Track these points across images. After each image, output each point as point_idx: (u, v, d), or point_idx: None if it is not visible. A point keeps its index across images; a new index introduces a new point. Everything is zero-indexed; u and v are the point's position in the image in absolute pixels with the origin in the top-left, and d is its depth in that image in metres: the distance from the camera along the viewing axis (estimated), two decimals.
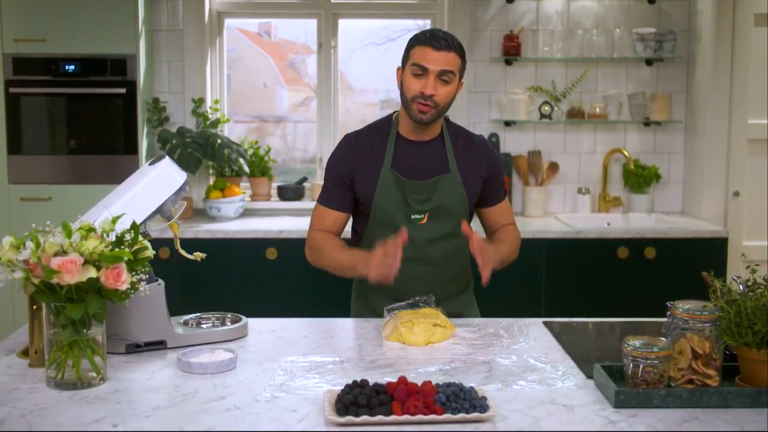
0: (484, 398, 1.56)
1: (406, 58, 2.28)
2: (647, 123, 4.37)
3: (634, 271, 3.84)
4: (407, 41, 2.29)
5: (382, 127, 2.38)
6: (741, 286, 1.71)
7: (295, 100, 4.79)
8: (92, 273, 1.64)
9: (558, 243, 3.84)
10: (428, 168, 2.32)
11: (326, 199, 2.37)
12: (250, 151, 4.37)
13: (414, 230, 2.29)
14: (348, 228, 2.44)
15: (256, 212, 4.33)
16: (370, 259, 2.11)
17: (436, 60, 2.19)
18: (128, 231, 1.74)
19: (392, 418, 1.49)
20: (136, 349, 1.93)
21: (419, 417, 1.49)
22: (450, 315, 2.27)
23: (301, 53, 4.75)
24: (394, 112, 2.41)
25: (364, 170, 2.32)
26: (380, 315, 2.27)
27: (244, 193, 4.25)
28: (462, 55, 2.25)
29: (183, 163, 3.90)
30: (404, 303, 2.20)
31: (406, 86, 2.26)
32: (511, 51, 4.26)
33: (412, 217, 2.30)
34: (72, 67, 3.93)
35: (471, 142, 2.39)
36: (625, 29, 4.31)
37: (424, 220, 2.31)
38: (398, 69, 2.32)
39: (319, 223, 2.37)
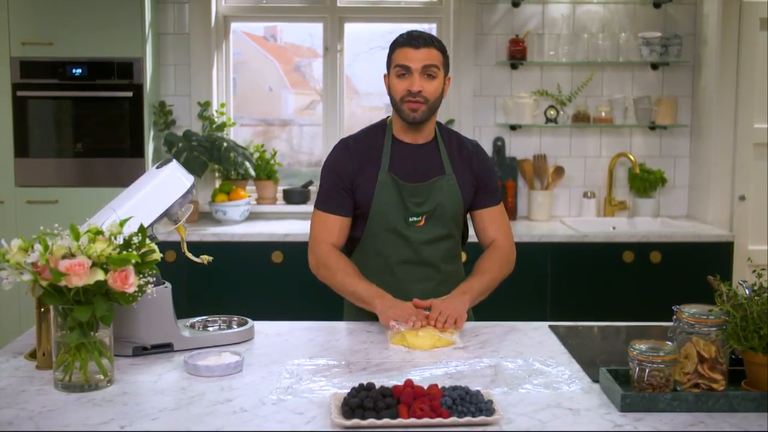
0: (490, 401, 1.56)
1: (389, 64, 2.32)
2: (653, 127, 4.36)
3: (640, 275, 3.84)
4: (388, 48, 2.34)
5: (377, 130, 2.40)
6: (747, 291, 1.71)
7: (300, 104, 4.80)
8: (100, 275, 1.65)
9: (563, 247, 3.84)
10: (424, 170, 2.34)
11: (327, 204, 2.36)
12: (256, 155, 4.38)
13: (412, 232, 2.32)
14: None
15: (261, 215, 4.34)
16: (389, 304, 2.16)
17: (417, 58, 2.24)
18: (136, 234, 1.75)
19: (398, 421, 1.50)
20: (143, 351, 1.94)
21: (425, 420, 1.50)
22: None
23: (306, 57, 4.76)
24: (388, 116, 2.43)
25: (362, 174, 2.33)
26: (376, 318, 2.27)
27: (249, 196, 4.26)
28: (443, 51, 2.30)
29: (189, 166, 3.91)
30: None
31: (393, 89, 2.29)
32: (517, 55, 4.26)
33: (410, 219, 2.32)
34: (79, 71, 3.95)
35: (463, 145, 2.42)
36: (630, 33, 4.31)
37: (422, 222, 2.33)
38: (385, 76, 2.36)
39: (323, 232, 2.35)
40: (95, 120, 4.01)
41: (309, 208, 4.33)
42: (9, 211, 3.98)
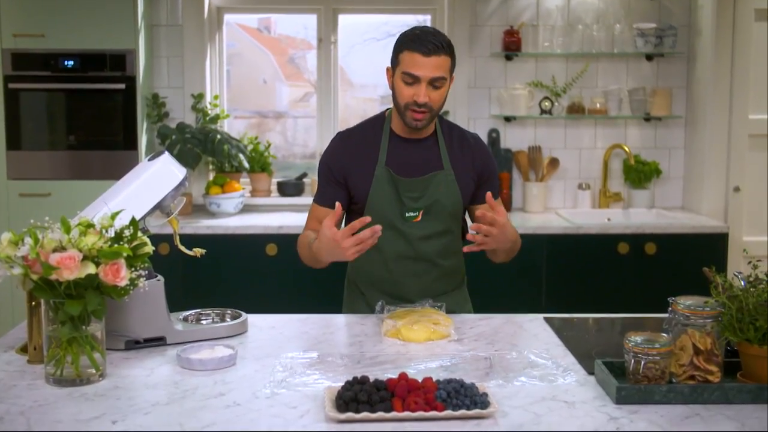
0: (485, 394, 1.55)
1: (395, 62, 2.24)
2: (648, 118, 4.36)
3: (635, 267, 3.84)
4: (395, 41, 2.26)
5: (375, 124, 2.36)
6: (742, 282, 1.71)
7: (294, 96, 4.78)
8: (91, 269, 1.64)
9: (558, 239, 3.83)
10: (422, 165, 2.30)
11: (320, 197, 2.34)
12: (250, 147, 4.36)
13: (408, 227, 2.29)
14: None
15: (255, 208, 4.33)
16: (331, 244, 2.00)
17: (426, 67, 2.17)
18: (127, 227, 1.74)
19: (393, 414, 1.49)
20: (135, 345, 1.93)
21: (420, 413, 1.49)
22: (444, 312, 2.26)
23: (300, 48, 4.74)
24: (388, 109, 2.39)
25: (358, 168, 2.30)
26: (374, 311, 2.26)
27: (243, 188, 4.25)
28: (451, 54, 2.23)
29: (182, 158, 3.90)
30: (401, 309, 2.19)
31: (398, 93, 2.23)
32: (512, 46, 4.25)
33: (407, 215, 2.29)
34: (71, 63, 3.92)
35: (465, 139, 2.38)
36: (625, 24, 4.30)
37: (419, 218, 2.30)
38: (388, 69, 2.30)
39: (312, 223, 2.34)
40: (88, 112, 3.99)
41: (303, 200, 4.33)
42: (1, 205, 3.95)
